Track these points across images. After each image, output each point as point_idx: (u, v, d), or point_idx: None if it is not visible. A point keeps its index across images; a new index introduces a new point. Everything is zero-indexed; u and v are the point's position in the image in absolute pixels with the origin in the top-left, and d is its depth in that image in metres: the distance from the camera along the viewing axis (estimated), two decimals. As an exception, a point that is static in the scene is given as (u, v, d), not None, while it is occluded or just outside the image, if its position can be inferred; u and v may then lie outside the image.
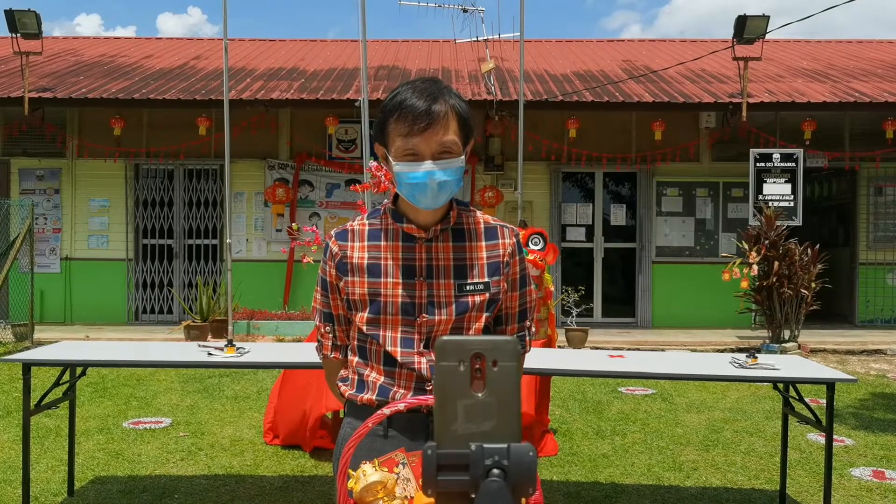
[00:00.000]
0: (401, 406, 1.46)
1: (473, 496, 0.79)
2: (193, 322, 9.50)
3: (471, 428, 0.81)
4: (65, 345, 4.55)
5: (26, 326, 9.30)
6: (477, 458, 0.78)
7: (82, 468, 4.53)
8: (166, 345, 5.19)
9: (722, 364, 4.00)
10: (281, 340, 8.84)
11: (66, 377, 4.05)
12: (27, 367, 3.73)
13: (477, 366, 0.82)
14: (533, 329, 1.96)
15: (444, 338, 0.85)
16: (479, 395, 0.83)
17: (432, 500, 0.81)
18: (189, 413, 5.92)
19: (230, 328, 8.85)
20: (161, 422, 5.64)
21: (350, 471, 1.52)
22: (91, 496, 4.12)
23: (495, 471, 0.77)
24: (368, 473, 1.51)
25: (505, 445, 0.79)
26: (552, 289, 5.68)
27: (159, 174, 11.34)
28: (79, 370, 4.17)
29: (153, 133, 11.13)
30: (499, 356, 0.82)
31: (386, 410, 1.47)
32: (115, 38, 16.93)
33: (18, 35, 10.21)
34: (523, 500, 1.52)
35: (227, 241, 9.57)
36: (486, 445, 0.79)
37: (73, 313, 11.13)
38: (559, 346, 8.50)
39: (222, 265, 10.84)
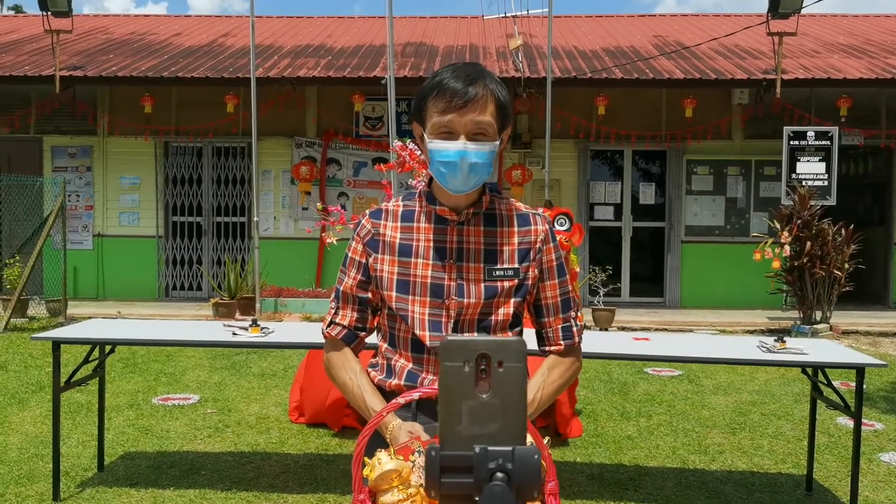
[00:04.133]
0: (415, 395, 1.45)
1: (477, 499, 0.77)
2: (222, 299, 9.60)
3: (475, 429, 0.80)
4: (94, 322, 4.62)
5: (60, 302, 9.47)
6: (481, 460, 0.77)
7: (112, 443, 4.62)
8: (192, 323, 5.24)
9: (749, 347, 3.95)
10: (308, 318, 8.91)
11: (96, 354, 4.11)
12: (56, 344, 3.79)
13: (482, 366, 0.81)
14: (581, 322, 1.93)
15: (450, 337, 0.83)
16: (484, 396, 0.81)
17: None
18: (216, 390, 6.00)
19: (258, 305, 8.92)
20: (189, 398, 5.72)
21: (365, 458, 1.51)
22: (120, 471, 4.19)
23: (499, 474, 0.76)
24: (383, 461, 1.50)
25: (510, 448, 0.77)
26: (578, 270, 5.65)
27: (188, 152, 11.43)
28: (107, 348, 4.23)
29: (182, 111, 11.20)
30: (505, 357, 0.81)
31: (400, 399, 1.47)
32: (145, 15, 17.03)
33: (49, 13, 10.30)
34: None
35: (255, 218, 9.63)
36: (490, 448, 0.77)
37: (105, 289, 11.31)
38: (585, 327, 8.46)
39: (250, 242, 10.92)
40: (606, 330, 8.70)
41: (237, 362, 6.93)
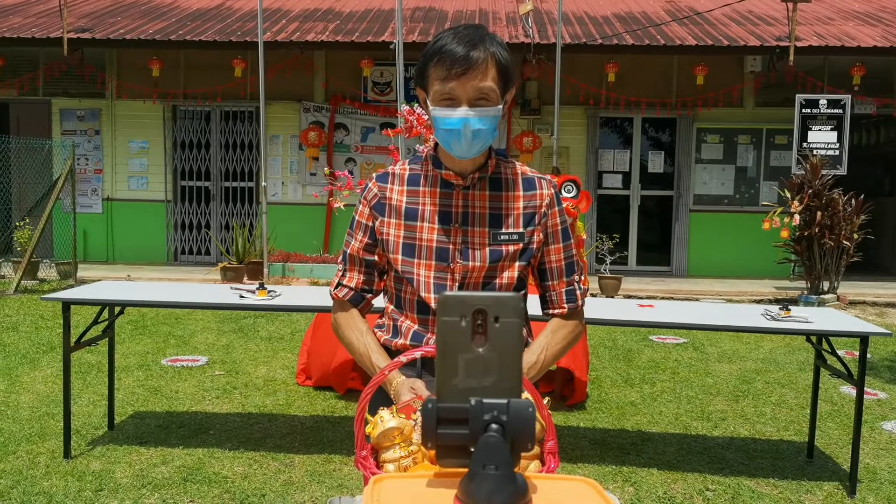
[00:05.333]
0: (416, 354, 1.48)
1: (472, 450, 0.79)
2: (230, 264, 9.65)
3: (472, 382, 0.82)
4: (104, 284, 4.66)
5: (70, 265, 9.54)
6: (476, 412, 0.79)
7: (122, 403, 4.69)
8: (200, 286, 5.28)
9: (753, 315, 3.96)
10: (315, 283, 8.95)
11: (105, 315, 4.16)
12: (66, 305, 3.84)
13: (479, 321, 0.82)
14: (584, 286, 1.95)
15: (447, 293, 0.85)
16: (480, 350, 0.83)
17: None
18: (224, 352, 6.06)
19: (265, 270, 8.97)
20: (197, 360, 5.79)
21: (368, 416, 1.54)
22: (130, 430, 4.27)
23: (494, 426, 0.77)
24: (386, 419, 1.53)
25: (504, 401, 0.79)
26: (584, 237, 5.64)
27: (196, 116, 11.40)
28: (117, 309, 4.28)
29: (190, 74, 11.16)
30: (501, 312, 0.82)
31: (402, 358, 1.49)
32: (153, -23, 16.84)
33: (56, -25, 10.23)
34: (537, 447, 1.54)
35: (263, 184, 9.64)
36: (485, 400, 0.79)
37: (115, 253, 11.37)
38: (591, 294, 8.48)
39: (258, 208, 10.94)
40: (612, 297, 8.71)
41: (245, 326, 6.99)
